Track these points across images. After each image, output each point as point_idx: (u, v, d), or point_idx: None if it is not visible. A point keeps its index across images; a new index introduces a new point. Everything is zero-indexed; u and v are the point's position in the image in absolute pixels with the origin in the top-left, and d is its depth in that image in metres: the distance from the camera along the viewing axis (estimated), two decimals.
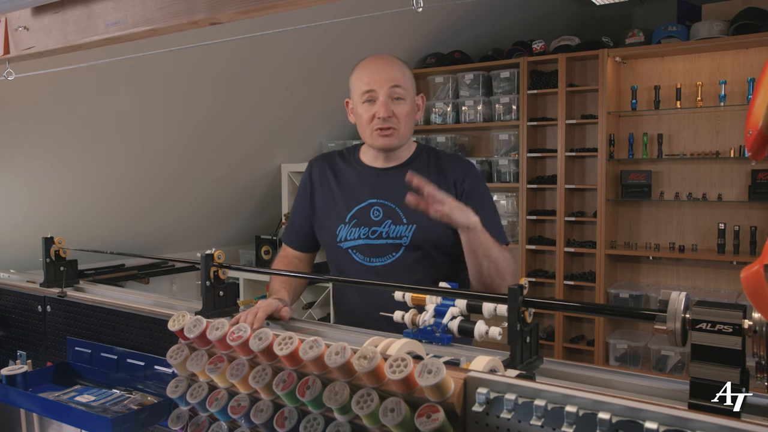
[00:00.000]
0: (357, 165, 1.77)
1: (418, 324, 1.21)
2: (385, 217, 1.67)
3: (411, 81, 1.69)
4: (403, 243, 1.65)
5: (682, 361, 3.68)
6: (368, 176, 1.74)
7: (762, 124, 0.83)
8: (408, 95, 1.66)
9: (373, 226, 1.67)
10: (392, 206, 1.67)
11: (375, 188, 1.71)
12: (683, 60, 3.89)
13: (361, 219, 1.69)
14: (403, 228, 1.65)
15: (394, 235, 1.66)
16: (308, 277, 1.65)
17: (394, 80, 1.63)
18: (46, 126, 2.94)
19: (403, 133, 1.67)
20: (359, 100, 1.67)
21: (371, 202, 1.69)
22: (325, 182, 1.77)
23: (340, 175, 1.77)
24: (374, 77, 1.64)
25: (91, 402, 1.29)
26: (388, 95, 1.63)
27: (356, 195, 1.71)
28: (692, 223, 3.94)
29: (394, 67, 1.66)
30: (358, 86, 1.67)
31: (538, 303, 1.00)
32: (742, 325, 0.77)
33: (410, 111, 1.67)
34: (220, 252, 1.38)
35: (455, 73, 4.48)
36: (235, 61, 3.39)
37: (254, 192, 4.47)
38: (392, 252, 1.66)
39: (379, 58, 1.69)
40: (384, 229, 1.66)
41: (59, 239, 1.71)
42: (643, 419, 0.73)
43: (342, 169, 1.78)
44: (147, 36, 1.27)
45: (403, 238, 1.65)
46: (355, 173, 1.76)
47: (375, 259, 1.67)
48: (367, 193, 1.71)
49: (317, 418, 0.93)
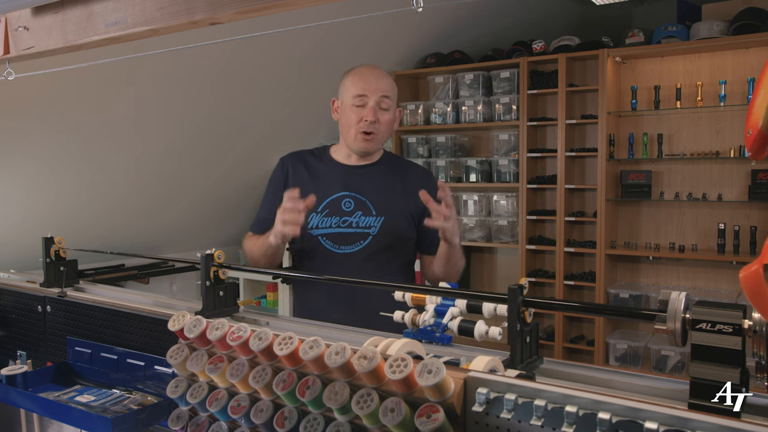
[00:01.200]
0: (329, 162, 1.94)
1: (418, 324, 1.21)
2: (356, 208, 1.84)
3: (396, 94, 1.90)
4: (372, 233, 1.82)
5: (682, 361, 3.68)
6: (341, 171, 1.91)
7: (762, 124, 0.83)
8: (392, 107, 1.87)
9: (344, 216, 1.83)
10: (363, 199, 1.85)
11: (347, 183, 1.87)
12: (683, 60, 3.89)
13: (333, 209, 1.84)
14: (372, 219, 1.83)
15: (363, 225, 1.83)
16: (304, 277, 1.68)
17: (384, 91, 1.83)
18: (45, 126, 2.94)
19: (381, 138, 1.87)
20: (350, 102, 1.83)
21: (343, 194, 1.86)
22: (298, 176, 1.91)
23: (312, 170, 1.92)
24: (369, 85, 1.82)
25: (91, 402, 1.29)
26: (377, 103, 1.82)
27: (329, 187, 1.87)
28: (692, 223, 3.94)
29: (385, 79, 1.86)
30: (352, 90, 1.84)
31: (538, 303, 1.00)
32: (742, 325, 0.77)
33: (391, 120, 1.87)
34: (220, 252, 1.38)
35: (455, 73, 4.48)
36: (235, 61, 3.39)
37: (254, 192, 4.46)
38: (360, 240, 1.82)
39: (374, 69, 1.88)
40: (354, 219, 1.83)
41: (59, 239, 1.71)
42: (643, 419, 0.73)
43: (314, 164, 1.94)
44: (147, 36, 1.27)
45: (372, 228, 1.82)
46: (327, 168, 1.92)
47: (343, 247, 1.82)
48: (340, 187, 1.87)
49: (317, 418, 0.93)
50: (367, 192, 1.85)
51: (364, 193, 1.85)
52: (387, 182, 1.89)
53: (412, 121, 4.60)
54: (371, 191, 1.86)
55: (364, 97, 1.81)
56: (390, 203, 1.85)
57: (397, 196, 1.87)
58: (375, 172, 1.91)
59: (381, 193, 1.86)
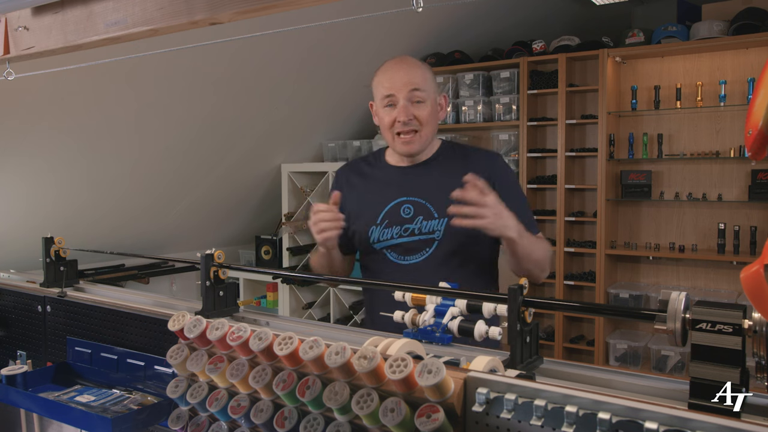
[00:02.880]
0: (383, 166, 1.80)
1: (418, 324, 1.21)
2: (416, 213, 1.69)
3: (432, 82, 1.70)
4: (436, 237, 1.66)
5: (682, 361, 3.68)
6: (395, 175, 1.76)
7: (762, 124, 0.83)
8: (429, 97, 1.68)
9: (405, 224, 1.69)
10: (422, 202, 1.69)
11: (403, 186, 1.73)
12: (683, 60, 3.89)
13: (393, 218, 1.71)
14: (435, 222, 1.67)
15: (426, 231, 1.67)
16: (305, 277, 1.65)
17: (413, 84, 1.65)
18: (45, 126, 2.94)
19: (426, 135, 1.69)
20: (381, 104, 1.70)
21: (401, 200, 1.71)
22: (353, 187, 1.80)
23: (367, 179, 1.80)
24: (394, 82, 1.66)
25: (91, 402, 1.29)
26: (408, 99, 1.65)
27: (385, 195, 1.74)
28: (692, 223, 3.94)
29: (413, 70, 1.68)
30: (380, 90, 1.70)
31: (538, 303, 1.00)
32: (742, 325, 0.77)
33: (431, 112, 1.69)
34: (220, 252, 1.38)
35: (455, 73, 4.48)
36: (236, 61, 3.39)
37: (254, 192, 4.47)
38: (426, 248, 1.68)
39: (399, 62, 1.71)
40: (416, 225, 1.68)
41: (59, 239, 1.70)
42: (643, 419, 0.73)
43: (368, 172, 1.82)
44: (147, 36, 1.27)
45: (436, 232, 1.66)
46: (381, 174, 1.79)
47: (409, 257, 1.69)
48: (396, 192, 1.73)
49: (317, 418, 0.93)
50: (427, 193, 1.69)
51: (424, 195, 1.69)
52: (447, 178, 1.65)
53: None
54: (431, 192, 1.69)
55: (393, 97, 1.66)
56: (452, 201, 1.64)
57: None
58: (432, 169, 1.74)
59: (442, 192, 1.62)
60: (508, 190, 1.68)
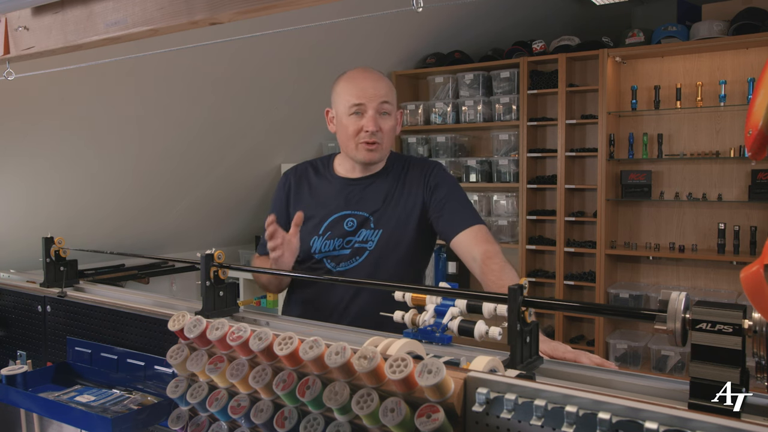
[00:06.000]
0: (330, 177, 1.83)
1: (418, 324, 1.21)
2: (359, 226, 1.74)
3: (395, 97, 1.76)
4: (368, 247, 1.73)
5: (682, 361, 3.68)
6: (341, 188, 1.79)
7: (762, 124, 0.83)
8: (393, 111, 1.74)
9: (348, 236, 1.74)
10: (365, 215, 1.75)
11: (349, 200, 1.77)
12: (683, 60, 3.89)
13: (336, 230, 1.75)
14: (370, 233, 1.73)
15: (362, 240, 1.73)
16: (302, 276, 1.66)
17: (383, 96, 1.69)
18: (45, 126, 2.94)
19: (386, 146, 1.75)
20: (346, 112, 1.71)
21: (345, 214, 1.76)
22: (299, 195, 1.83)
23: (313, 188, 1.83)
24: (366, 92, 1.68)
25: (91, 402, 1.29)
26: (376, 110, 1.69)
27: (330, 207, 1.77)
28: (692, 223, 3.94)
29: (382, 82, 1.72)
30: (346, 98, 1.71)
31: (538, 303, 1.00)
32: (742, 325, 0.77)
33: (393, 126, 1.75)
34: (220, 252, 1.38)
35: (455, 73, 4.48)
36: (236, 61, 3.39)
37: (254, 192, 4.46)
38: (356, 256, 1.73)
39: (369, 73, 1.73)
40: (357, 238, 1.74)
41: (59, 239, 1.70)
42: (643, 419, 0.73)
43: (314, 182, 1.84)
44: (147, 36, 1.27)
45: (369, 242, 1.73)
46: (328, 185, 1.82)
47: (341, 264, 1.74)
48: (342, 205, 1.77)
49: (317, 418, 0.93)
50: (369, 206, 1.75)
51: (366, 208, 1.75)
52: (389, 190, 1.76)
53: (412, 121, 4.60)
54: (373, 204, 1.75)
55: (362, 106, 1.68)
56: (390, 213, 1.74)
57: (399, 203, 1.76)
58: (378, 182, 1.79)
59: (382, 205, 1.75)
60: (449, 190, 1.75)
